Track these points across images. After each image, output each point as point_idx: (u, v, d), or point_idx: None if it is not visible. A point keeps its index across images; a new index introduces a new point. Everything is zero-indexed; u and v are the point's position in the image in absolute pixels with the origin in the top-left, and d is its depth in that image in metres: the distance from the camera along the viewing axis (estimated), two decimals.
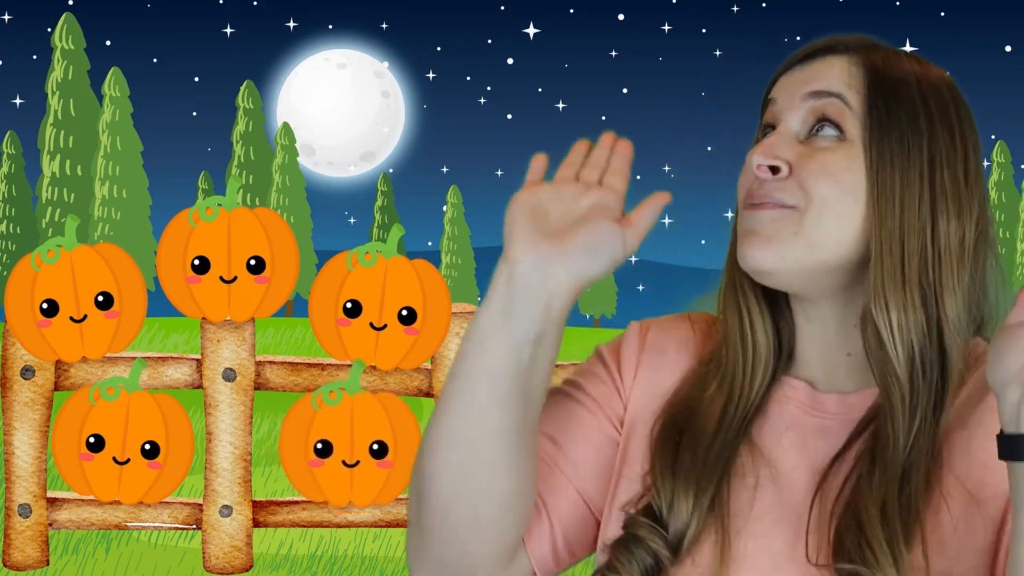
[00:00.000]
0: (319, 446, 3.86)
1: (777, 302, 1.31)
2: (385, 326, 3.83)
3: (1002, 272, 1.30)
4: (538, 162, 1.25)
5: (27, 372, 3.92)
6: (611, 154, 1.26)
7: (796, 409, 1.29)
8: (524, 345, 1.21)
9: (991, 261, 1.28)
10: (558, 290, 1.21)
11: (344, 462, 3.86)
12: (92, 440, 3.89)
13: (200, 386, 3.94)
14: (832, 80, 1.27)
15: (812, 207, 1.23)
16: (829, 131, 1.26)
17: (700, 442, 1.27)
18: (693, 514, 1.24)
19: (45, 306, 3.86)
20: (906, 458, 1.21)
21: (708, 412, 1.29)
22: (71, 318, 3.87)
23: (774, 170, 1.25)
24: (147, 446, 3.89)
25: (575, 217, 1.22)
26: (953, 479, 1.20)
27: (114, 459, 3.90)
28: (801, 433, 1.28)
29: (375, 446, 3.85)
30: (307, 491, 3.89)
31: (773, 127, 1.29)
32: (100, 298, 3.88)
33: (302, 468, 3.87)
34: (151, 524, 3.98)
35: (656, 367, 1.34)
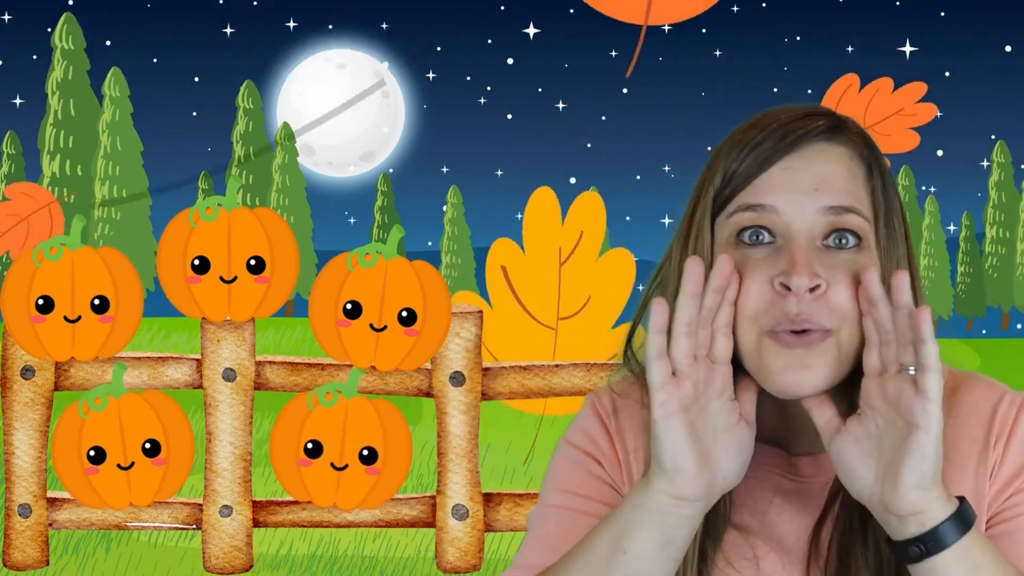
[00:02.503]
0: (309, 446, 3.85)
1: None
2: (385, 327, 3.83)
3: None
4: (660, 309, 1.19)
5: (27, 372, 3.92)
6: (723, 302, 1.20)
7: (777, 476, 1.28)
8: (679, 557, 1.21)
9: (919, 285, 1.27)
10: (709, 505, 1.21)
11: (333, 464, 3.86)
12: (93, 453, 3.88)
13: (200, 386, 3.94)
14: (843, 190, 1.21)
15: (846, 325, 1.19)
16: (852, 240, 1.21)
17: None
18: None
19: (41, 302, 3.86)
20: None
21: None
22: (65, 317, 3.86)
23: (813, 288, 1.19)
24: (147, 445, 3.89)
25: (714, 428, 1.19)
26: None
27: (118, 466, 3.89)
28: (786, 498, 1.27)
29: (365, 451, 3.84)
30: (293, 489, 3.89)
31: (767, 231, 1.22)
32: (96, 301, 3.87)
33: (290, 466, 3.87)
34: (151, 524, 3.98)
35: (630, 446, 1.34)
